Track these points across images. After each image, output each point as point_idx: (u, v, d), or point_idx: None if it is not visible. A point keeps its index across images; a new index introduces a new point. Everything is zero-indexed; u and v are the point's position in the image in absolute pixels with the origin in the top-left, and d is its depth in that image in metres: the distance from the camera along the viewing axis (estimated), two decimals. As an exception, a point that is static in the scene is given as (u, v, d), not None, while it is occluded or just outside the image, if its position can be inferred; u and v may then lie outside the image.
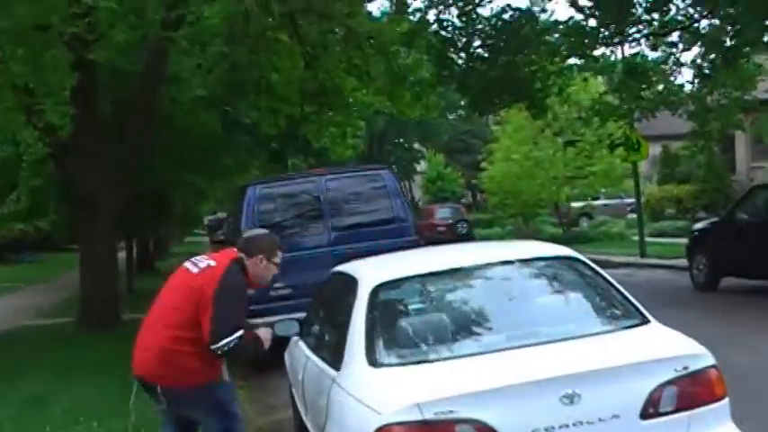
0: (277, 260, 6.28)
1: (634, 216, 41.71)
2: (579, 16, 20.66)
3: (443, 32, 20.80)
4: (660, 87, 22.23)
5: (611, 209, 44.60)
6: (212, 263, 6.00)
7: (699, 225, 19.81)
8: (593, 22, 20.78)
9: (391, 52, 20.87)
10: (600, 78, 31.35)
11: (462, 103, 33.34)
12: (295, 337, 7.57)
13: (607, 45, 21.99)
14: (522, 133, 36.19)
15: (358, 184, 13.30)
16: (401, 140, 73.76)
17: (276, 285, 11.85)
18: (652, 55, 22.58)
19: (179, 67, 20.56)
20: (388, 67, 20.95)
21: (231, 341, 5.60)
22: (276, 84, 22.40)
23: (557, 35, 21.56)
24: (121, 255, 22.43)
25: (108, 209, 16.78)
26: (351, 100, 23.24)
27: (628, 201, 45.68)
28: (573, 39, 20.68)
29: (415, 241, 12.92)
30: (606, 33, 21.25)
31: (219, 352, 5.64)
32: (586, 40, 20.79)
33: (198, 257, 6.23)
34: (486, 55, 21.06)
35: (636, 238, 32.57)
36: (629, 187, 38.01)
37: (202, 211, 50.30)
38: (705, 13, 19.81)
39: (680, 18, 20.74)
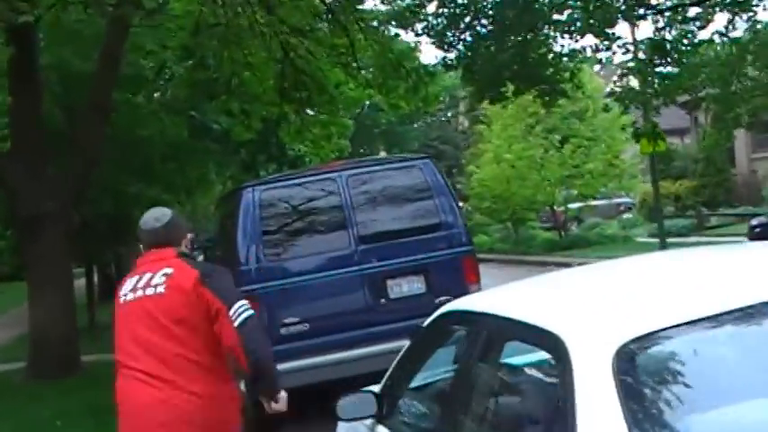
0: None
1: (628, 216, 39.79)
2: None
3: (445, 9, 17.88)
4: (675, 70, 19.86)
5: (600, 210, 42.16)
6: (168, 270, 4.75)
7: (758, 220, 17.43)
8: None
9: (382, 35, 18.14)
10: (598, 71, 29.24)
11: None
12: (366, 421, 4.55)
13: (628, 19, 19.27)
14: (508, 132, 33.50)
15: (390, 179, 9.94)
16: (366, 149, 70.87)
17: (287, 321, 8.89)
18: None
19: (138, 69, 17.95)
20: (380, 53, 18.12)
21: (246, 307, 4.56)
22: (249, 81, 19.51)
23: (568, 12, 18.91)
24: (80, 283, 19.39)
25: (58, 230, 13.73)
26: (336, 96, 20.22)
27: (617, 201, 43.64)
28: (592, 10, 17.91)
29: (471, 252, 9.88)
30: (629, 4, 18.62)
31: (239, 318, 4.48)
32: (608, 14, 18.04)
33: (132, 280, 4.89)
34: (493, 34, 18.18)
35: (641, 239, 30.62)
36: (625, 186, 35.93)
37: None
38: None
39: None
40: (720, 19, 20.93)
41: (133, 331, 4.69)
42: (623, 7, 18.49)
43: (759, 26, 18.58)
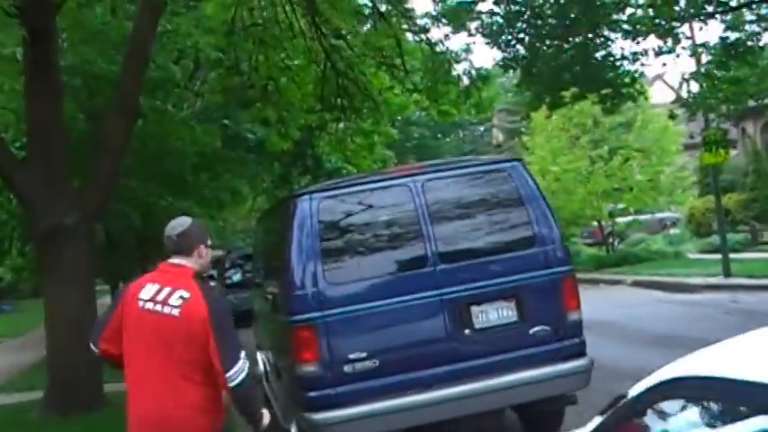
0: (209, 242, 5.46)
1: (674, 231, 38.24)
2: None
3: (501, 7, 16.47)
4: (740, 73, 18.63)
5: (644, 226, 40.63)
6: (185, 294, 5.07)
7: None
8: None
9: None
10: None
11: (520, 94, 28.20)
12: None
13: (695, 17, 17.86)
14: (552, 144, 31.96)
15: (473, 185, 8.29)
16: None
17: (353, 356, 7.34)
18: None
19: (168, 73, 16.67)
20: (430, 54, 16.76)
21: (243, 368, 4.93)
22: (286, 87, 18.19)
23: (630, 11, 17.55)
24: (104, 301, 17.98)
25: (79, 245, 12.19)
26: (380, 102, 18.75)
27: (660, 216, 42.24)
28: (658, 5, 16.48)
29: (570, 272, 8.11)
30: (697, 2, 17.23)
31: (234, 383, 4.89)
32: (677, 8, 16.65)
33: (153, 288, 5.18)
34: (554, 33, 16.80)
35: (691, 255, 29.25)
36: (676, 199, 34.39)
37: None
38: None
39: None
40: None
41: (147, 342, 5.02)
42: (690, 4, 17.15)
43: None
